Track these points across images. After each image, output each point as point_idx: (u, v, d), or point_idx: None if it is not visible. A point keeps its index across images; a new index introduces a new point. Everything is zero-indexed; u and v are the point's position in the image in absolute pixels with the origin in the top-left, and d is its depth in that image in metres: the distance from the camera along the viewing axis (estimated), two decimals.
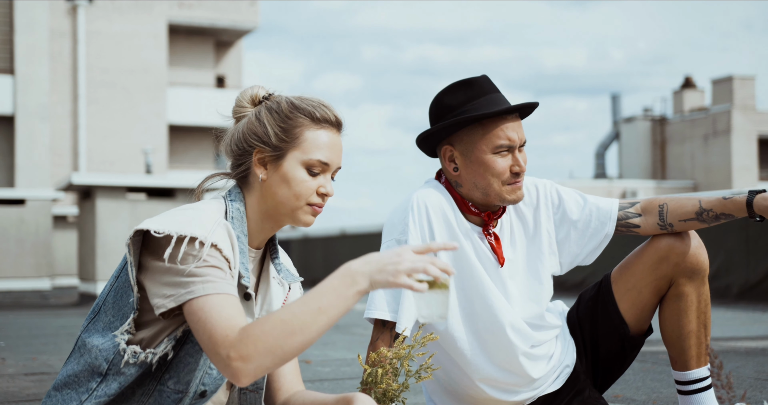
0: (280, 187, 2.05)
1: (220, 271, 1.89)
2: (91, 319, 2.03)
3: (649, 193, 40.44)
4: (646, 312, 2.72)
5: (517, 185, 2.58)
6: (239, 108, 2.14)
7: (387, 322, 2.54)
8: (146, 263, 1.94)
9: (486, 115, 2.53)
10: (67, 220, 18.79)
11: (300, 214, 2.08)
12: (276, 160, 2.06)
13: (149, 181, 12.56)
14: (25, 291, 14.24)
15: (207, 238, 1.90)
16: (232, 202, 2.07)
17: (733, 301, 9.53)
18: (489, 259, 2.61)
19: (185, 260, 1.88)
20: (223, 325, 1.79)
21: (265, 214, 2.09)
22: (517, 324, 2.61)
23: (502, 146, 2.55)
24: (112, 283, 2.03)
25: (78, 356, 2.00)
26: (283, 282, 2.20)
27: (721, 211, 2.61)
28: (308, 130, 2.07)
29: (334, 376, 4.56)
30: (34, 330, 7.93)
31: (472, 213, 2.61)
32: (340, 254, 18.56)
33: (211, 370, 2.02)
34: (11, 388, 4.31)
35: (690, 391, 2.71)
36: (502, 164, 2.56)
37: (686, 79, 46.28)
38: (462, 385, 2.67)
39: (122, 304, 1.98)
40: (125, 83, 26.26)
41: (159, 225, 1.91)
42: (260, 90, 2.15)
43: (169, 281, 1.88)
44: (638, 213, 2.68)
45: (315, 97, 2.12)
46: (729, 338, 6.11)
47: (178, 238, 1.89)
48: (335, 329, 7.73)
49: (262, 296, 2.15)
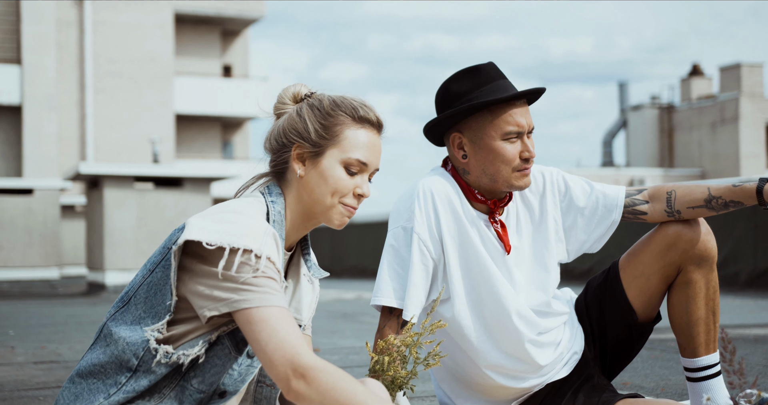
0: (318, 184, 2.06)
1: (275, 283, 1.90)
2: (119, 308, 2.02)
3: (656, 182, 40.38)
4: (654, 299, 2.71)
5: (526, 171, 2.57)
6: (281, 104, 2.15)
7: (394, 309, 2.54)
8: (190, 266, 1.93)
9: (495, 102, 2.53)
10: (75, 209, 18.84)
11: (334, 214, 2.08)
12: (315, 157, 2.06)
13: (157, 170, 12.57)
14: (33, 280, 14.28)
15: (262, 250, 1.90)
16: (273, 205, 2.06)
17: (741, 288, 9.52)
18: (495, 246, 2.60)
19: (240, 269, 1.87)
20: (293, 342, 1.82)
21: (302, 213, 2.09)
22: (523, 311, 2.61)
23: (511, 132, 2.55)
24: (144, 275, 2.02)
25: (104, 345, 1.99)
26: (312, 280, 2.21)
27: (731, 199, 2.60)
28: (349, 128, 2.07)
29: (342, 364, 4.56)
30: (42, 319, 7.95)
31: (479, 201, 2.61)
32: (347, 244, 18.58)
33: (232, 370, 2.03)
34: (21, 376, 4.33)
35: (699, 377, 2.70)
36: (512, 150, 2.55)
37: (694, 66, 46.13)
38: (469, 373, 2.67)
39: (155, 302, 1.97)
40: (132, 73, 26.27)
41: (210, 236, 1.89)
42: (302, 88, 2.15)
43: (222, 286, 1.88)
44: (645, 200, 2.67)
45: (357, 97, 2.12)
46: (737, 326, 6.11)
47: (231, 249, 1.89)
48: (343, 317, 7.74)
49: (290, 294, 2.16)
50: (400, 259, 2.57)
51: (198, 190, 12.21)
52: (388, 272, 2.57)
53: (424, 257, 2.55)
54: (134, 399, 1.95)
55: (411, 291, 2.52)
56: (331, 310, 8.64)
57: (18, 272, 14.25)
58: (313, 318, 7.48)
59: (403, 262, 2.56)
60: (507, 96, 2.52)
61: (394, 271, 2.56)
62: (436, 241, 2.57)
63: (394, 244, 2.59)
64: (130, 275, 11.75)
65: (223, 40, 31.04)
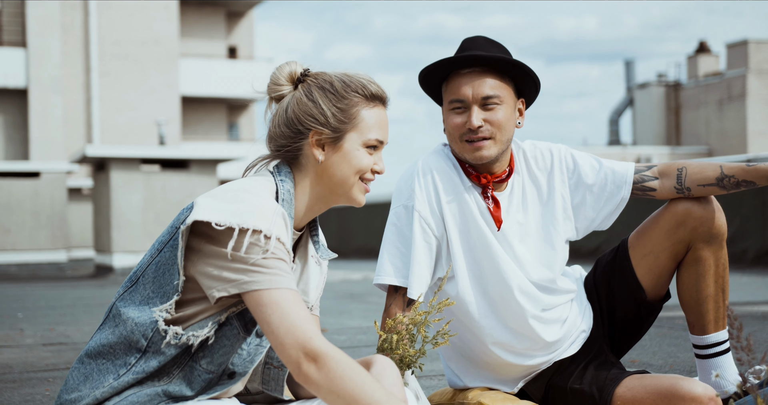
0: (339, 167, 2.04)
1: (285, 264, 1.89)
2: (127, 288, 2.01)
3: (663, 159, 40.28)
4: (663, 277, 2.70)
5: (473, 145, 2.54)
6: (276, 86, 2.09)
7: (399, 287, 2.54)
8: (198, 246, 1.92)
9: (427, 70, 2.58)
10: (82, 192, 18.86)
11: (355, 192, 2.08)
12: (335, 142, 2.04)
13: (163, 152, 12.58)
14: (41, 263, 14.33)
15: (271, 231, 1.88)
16: (282, 183, 2.04)
17: (749, 266, 9.51)
18: (491, 221, 2.60)
19: (250, 250, 1.86)
20: (305, 326, 1.82)
21: (318, 195, 2.07)
22: (525, 287, 2.60)
23: (453, 102, 2.56)
24: (152, 255, 2.00)
25: (113, 325, 1.99)
26: (320, 261, 2.19)
27: (743, 178, 2.57)
28: (363, 109, 2.06)
29: (350, 344, 4.57)
30: (51, 301, 7.98)
31: (472, 175, 2.61)
32: (354, 223, 18.58)
33: (241, 351, 2.02)
34: (30, 358, 4.34)
35: (708, 355, 2.69)
36: (455, 120, 2.56)
37: (700, 43, 45.92)
38: (476, 351, 2.67)
39: (164, 282, 1.96)
40: (137, 55, 26.23)
41: (219, 216, 1.88)
42: (297, 66, 2.09)
43: (232, 267, 1.87)
44: (655, 176, 2.65)
45: (361, 73, 2.10)
46: (745, 303, 6.10)
47: (241, 229, 1.87)
48: (350, 298, 7.75)
49: (298, 275, 2.15)
50: (403, 237, 2.56)
51: (204, 172, 12.21)
52: (391, 251, 2.57)
53: (426, 235, 2.55)
54: (143, 380, 1.94)
55: (414, 269, 2.52)
56: (339, 291, 8.65)
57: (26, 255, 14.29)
58: (321, 298, 7.50)
59: (405, 241, 2.56)
60: (433, 63, 2.56)
61: (397, 249, 2.56)
62: (438, 218, 2.57)
63: (396, 223, 2.59)
64: (137, 257, 11.77)
65: (228, 22, 30.96)
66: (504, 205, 2.61)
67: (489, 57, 2.53)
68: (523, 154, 2.69)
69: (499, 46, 2.60)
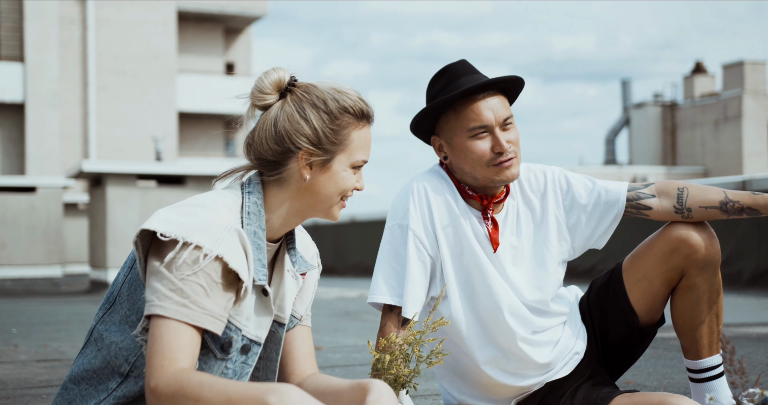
0: (325, 186, 2.02)
1: (205, 292, 1.83)
2: (106, 310, 2.00)
3: (659, 179, 40.29)
4: (657, 302, 2.70)
5: (503, 165, 2.53)
6: (262, 94, 2.03)
7: (394, 306, 2.54)
8: (149, 261, 1.89)
9: (447, 100, 2.52)
10: (78, 207, 18.85)
11: (335, 209, 2.06)
12: (324, 163, 2.01)
13: (159, 168, 12.57)
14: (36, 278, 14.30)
15: (213, 249, 1.84)
16: (249, 195, 2.00)
17: (744, 287, 9.51)
18: (487, 243, 2.60)
19: (182, 267, 1.82)
20: (166, 354, 1.78)
21: (295, 210, 2.04)
22: (516, 309, 2.60)
23: (475, 128, 2.53)
24: (125, 274, 1.99)
25: (95, 349, 1.97)
26: (297, 275, 2.14)
27: (748, 205, 2.56)
28: (354, 130, 2.02)
29: (345, 363, 4.56)
30: (46, 317, 7.96)
31: (471, 197, 2.61)
32: (351, 241, 18.57)
33: (227, 369, 1.98)
34: (24, 374, 4.33)
35: (702, 379, 2.69)
36: (482, 146, 2.53)
37: (697, 64, 46.11)
38: (468, 370, 2.67)
39: (136, 298, 1.94)
40: (135, 70, 26.27)
41: (167, 226, 1.84)
42: (284, 73, 2.04)
43: (154, 286, 1.84)
44: (652, 194, 2.64)
45: (350, 89, 2.06)
46: (740, 324, 6.10)
47: (183, 244, 1.83)
48: (346, 316, 7.75)
49: (276, 289, 2.10)
50: (397, 256, 2.57)
51: (201, 188, 12.22)
52: (385, 269, 2.57)
53: (421, 254, 2.56)
54: (126, 404, 1.93)
55: (409, 288, 2.52)
56: (334, 308, 8.64)
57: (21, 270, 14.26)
58: (316, 316, 7.48)
59: (399, 260, 2.56)
60: (454, 94, 2.50)
61: (391, 268, 2.57)
62: (432, 237, 2.58)
63: (391, 241, 2.59)
64: None
65: (225, 38, 31.04)
66: (499, 228, 2.62)
67: (505, 79, 2.54)
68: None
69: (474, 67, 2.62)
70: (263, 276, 1.97)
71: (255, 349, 2.03)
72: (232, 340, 1.95)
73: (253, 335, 2.01)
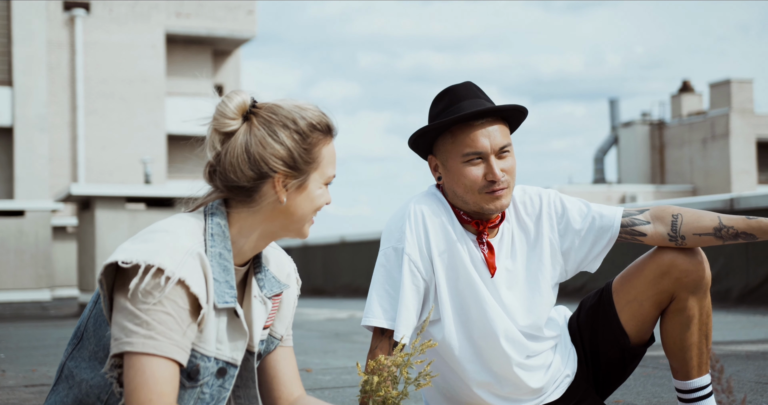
0: (301, 206, 1.99)
1: (173, 320, 1.80)
2: (74, 345, 1.96)
3: (648, 198, 40.45)
4: (647, 324, 2.70)
5: (495, 194, 2.52)
6: (225, 120, 1.96)
7: (386, 329, 2.54)
8: (116, 298, 1.85)
9: (444, 124, 2.51)
10: (67, 230, 18.79)
11: (306, 228, 2.04)
12: (300, 184, 1.98)
13: (148, 191, 12.56)
14: (25, 302, 14.22)
15: (175, 272, 1.81)
16: (212, 216, 1.96)
17: (734, 304, 9.52)
18: (484, 267, 2.60)
19: (147, 294, 1.79)
20: (152, 388, 1.76)
21: (268, 232, 2.00)
22: (511, 334, 2.60)
23: (469, 154, 2.52)
24: (91, 308, 1.96)
25: (66, 387, 1.94)
26: (264, 300, 2.08)
27: (743, 231, 2.55)
28: (324, 146, 2.00)
29: (334, 385, 4.55)
30: (34, 341, 7.91)
31: (466, 221, 2.61)
32: (340, 262, 18.54)
33: (203, 394, 1.95)
34: (11, 400, 4.30)
35: (691, 399, 2.69)
36: (474, 173, 2.52)
37: (684, 83, 46.32)
38: (460, 393, 2.67)
39: (101, 334, 1.91)
40: (123, 93, 26.27)
41: (127, 255, 1.81)
42: (247, 97, 1.98)
43: (120, 323, 1.81)
44: (647, 220, 2.63)
45: (309, 104, 2.02)
46: (729, 342, 6.11)
47: (146, 267, 1.80)
48: (336, 338, 7.72)
49: (247, 312, 2.06)
50: (391, 279, 2.56)
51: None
52: (379, 292, 2.56)
53: (415, 278, 2.55)
54: None
55: (402, 312, 2.52)
56: (324, 330, 8.61)
57: (9, 294, 14.18)
58: (306, 338, 7.45)
59: (394, 283, 2.56)
60: (451, 118, 2.49)
61: (385, 291, 2.56)
62: (427, 261, 2.57)
63: (386, 265, 2.58)
64: None
65: (214, 60, 31.07)
66: (495, 252, 2.61)
67: (506, 107, 2.52)
68: (513, 200, 2.69)
69: (480, 89, 2.62)
70: (231, 298, 1.93)
71: (232, 371, 2.00)
72: (199, 368, 1.92)
73: (228, 357, 1.98)
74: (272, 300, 2.14)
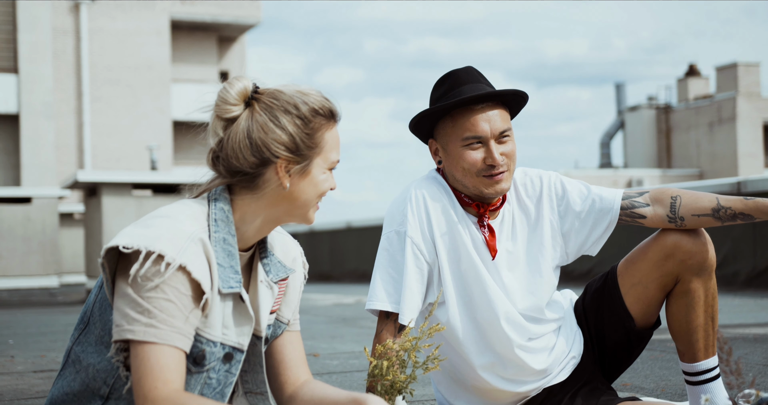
0: (305, 191, 1.98)
1: (174, 307, 1.81)
2: (81, 330, 1.97)
3: (654, 182, 40.39)
4: (652, 306, 2.70)
5: (494, 179, 2.53)
6: (227, 106, 1.97)
7: (391, 313, 2.54)
8: (117, 283, 1.86)
9: (445, 107, 2.52)
10: (74, 217, 18.83)
11: (311, 213, 2.03)
12: (303, 169, 1.97)
13: (155, 177, 12.57)
14: (32, 289, 14.27)
15: (176, 258, 1.81)
16: (215, 202, 1.96)
17: (741, 288, 9.52)
18: (484, 250, 2.60)
19: (146, 281, 1.79)
20: (157, 375, 1.77)
21: (271, 217, 2.00)
22: (512, 316, 2.60)
23: (469, 138, 2.52)
24: (96, 293, 1.96)
25: (73, 372, 1.95)
26: (271, 284, 2.09)
27: (741, 211, 2.55)
28: (327, 131, 1.99)
29: (342, 369, 4.56)
30: (42, 327, 7.94)
31: (467, 204, 2.61)
32: (346, 247, 18.56)
33: (210, 379, 1.96)
34: (20, 385, 4.32)
35: (699, 381, 2.70)
36: (473, 157, 2.53)
37: (690, 66, 46.16)
38: (465, 375, 2.67)
39: (107, 318, 1.91)
40: (129, 80, 26.27)
41: (128, 239, 1.82)
42: (248, 83, 1.98)
43: (121, 309, 1.81)
44: (646, 203, 2.63)
45: (311, 88, 2.01)
46: (737, 325, 6.11)
47: (147, 253, 1.80)
48: (342, 322, 7.74)
49: (253, 297, 2.06)
50: (395, 262, 2.56)
51: None
52: (383, 276, 2.57)
53: (418, 261, 2.55)
54: None
55: (406, 295, 2.52)
56: (331, 315, 8.63)
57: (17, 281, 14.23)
58: (313, 323, 7.47)
59: (397, 266, 2.56)
60: (452, 102, 2.50)
61: (388, 274, 2.56)
62: (429, 244, 2.57)
63: (388, 248, 2.59)
64: None
65: (219, 47, 31.04)
66: (496, 234, 2.62)
67: (506, 92, 2.53)
68: (513, 182, 2.69)
69: (482, 74, 2.62)
70: (236, 283, 1.93)
71: (238, 356, 2.00)
72: (205, 353, 1.92)
73: (234, 342, 1.98)
74: (278, 284, 2.13)
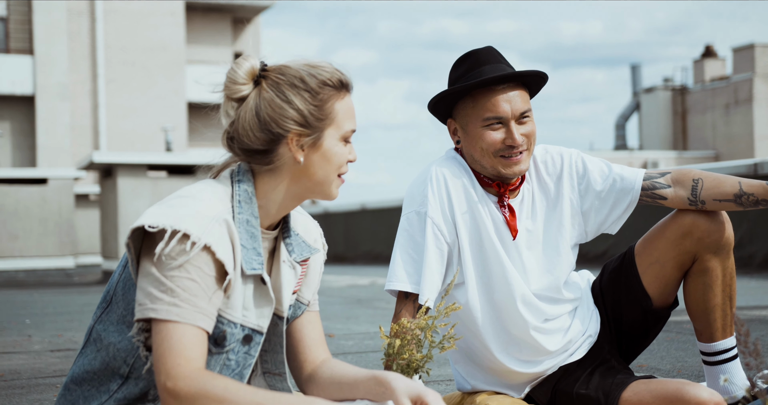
0: (321, 166, 1.97)
1: (197, 286, 1.81)
2: (104, 309, 1.98)
3: (670, 164, 40.23)
4: (669, 286, 2.68)
5: (512, 160, 2.53)
6: (235, 85, 1.97)
7: (410, 293, 2.53)
8: (142, 262, 1.86)
9: (466, 87, 2.51)
10: (89, 198, 18.90)
11: (333, 188, 2.01)
12: (315, 141, 1.96)
13: (169, 158, 12.60)
14: (48, 269, 14.35)
15: (201, 238, 1.81)
16: (239, 183, 1.96)
17: (757, 270, 9.48)
18: (505, 230, 2.59)
19: (171, 260, 1.79)
20: (181, 352, 1.77)
21: (293, 194, 1.99)
22: (528, 298, 2.59)
23: (489, 119, 2.52)
24: (120, 272, 1.97)
25: (94, 350, 1.96)
26: (294, 264, 2.08)
27: (764, 198, 2.52)
28: (337, 101, 1.98)
29: (357, 350, 4.57)
30: (58, 307, 7.99)
31: (487, 184, 2.60)
32: (361, 229, 18.58)
33: (229, 360, 1.97)
34: (38, 364, 4.35)
35: (716, 361, 2.68)
36: (493, 137, 2.52)
37: (707, 47, 45.88)
38: (481, 356, 2.67)
39: (130, 298, 1.92)
40: (144, 61, 26.29)
41: (154, 219, 1.82)
42: (256, 61, 1.98)
43: (145, 288, 1.82)
44: (668, 184, 2.61)
45: (322, 60, 2.01)
46: (753, 307, 6.09)
47: (172, 232, 1.80)
48: (357, 304, 7.76)
49: (275, 277, 2.06)
50: (414, 243, 2.56)
51: None
52: (402, 257, 2.56)
53: (438, 241, 2.54)
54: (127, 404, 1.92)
55: (426, 275, 2.51)
56: (346, 296, 8.65)
57: (34, 261, 14.31)
58: (328, 304, 7.48)
59: (417, 247, 2.55)
60: (474, 82, 2.48)
61: (408, 255, 2.56)
62: (450, 225, 2.57)
63: (408, 229, 2.58)
64: None
65: (234, 28, 31.01)
66: (516, 214, 2.61)
67: (528, 73, 2.52)
68: (533, 159, 2.68)
69: (501, 55, 2.61)
70: (258, 265, 1.93)
71: (257, 338, 2.00)
72: (225, 334, 1.93)
73: (254, 324, 1.98)
74: (301, 265, 2.14)
